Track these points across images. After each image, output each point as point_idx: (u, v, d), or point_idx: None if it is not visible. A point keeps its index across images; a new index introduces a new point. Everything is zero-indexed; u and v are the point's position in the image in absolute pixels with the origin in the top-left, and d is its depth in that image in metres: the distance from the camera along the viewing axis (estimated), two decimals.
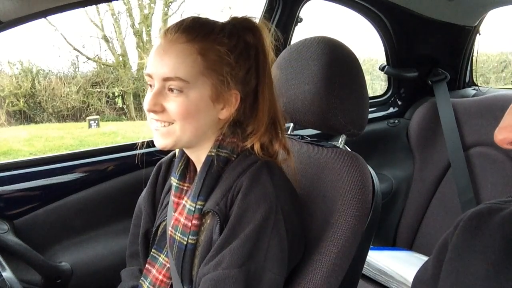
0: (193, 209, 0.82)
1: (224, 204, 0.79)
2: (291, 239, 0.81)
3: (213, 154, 0.83)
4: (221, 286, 0.73)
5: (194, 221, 0.81)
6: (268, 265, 0.76)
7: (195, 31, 0.79)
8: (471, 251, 0.64)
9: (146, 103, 0.79)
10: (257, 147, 0.83)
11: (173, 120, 0.80)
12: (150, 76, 0.80)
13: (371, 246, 0.98)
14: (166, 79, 0.78)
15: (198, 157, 0.87)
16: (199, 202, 0.81)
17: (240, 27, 0.83)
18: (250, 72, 0.83)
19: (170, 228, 0.85)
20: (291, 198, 0.84)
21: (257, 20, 0.86)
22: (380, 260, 1.54)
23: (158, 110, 0.79)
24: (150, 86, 0.81)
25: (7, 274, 0.91)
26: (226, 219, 0.78)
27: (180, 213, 0.85)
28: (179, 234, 0.83)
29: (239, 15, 0.86)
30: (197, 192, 0.82)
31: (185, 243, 0.82)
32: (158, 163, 1.01)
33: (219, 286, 0.73)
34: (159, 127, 0.81)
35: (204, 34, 0.79)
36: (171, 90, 0.78)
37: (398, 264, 1.52)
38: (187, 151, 0.89)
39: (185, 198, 0.86)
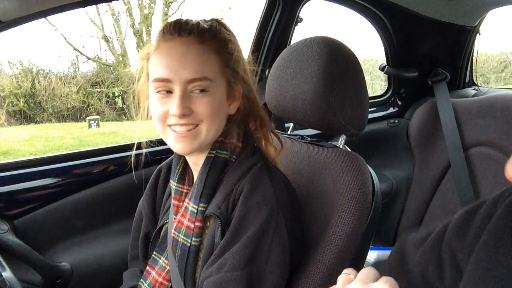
0: (196, 211, 0.82)
1: (226, 207, 0.79)
2: (292, 241, 0.81)
3: (212, 155, 0.83)
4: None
5: (197, 223, 0.82)
6: (270, 267, 0.76)
7: (203, 32, 0.80)
8: (510, 237, 0.57)
9: (175, 108, 0.76)
10: (263, 144, 0.87)
11: (200, 121, 0.79)
12: (168, 80, 0.78)
13: (371, 246, 0.98)
14: (190, 81, 0.77)
15: (197, 159, 0.87)
16: (201, 204, 0.82)
17: (225, 27, 0.85)
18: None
19: (172, 231, 0.86)
20: (291, 199, 0.84)
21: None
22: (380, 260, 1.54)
23: (188, 114, 0.78)
24: (167, 92, 0.79)
25: (7, 274, 0.91)
26: (227, 223, 0.79)
27: (182, 215, 0.85)
28: (182, 236, 0.83)
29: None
30: (199, 194, 0.82)
31: (188, 245, 0.82)
32: (158, 167, 1.02)
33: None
34: (184, 132, 0.79)
35: (213, 34, 0.81)
36: (197, 91, 0.78)
37: None
38: (190, 154, 0.89)
39: (187, 200, 0.86)
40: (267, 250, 0.76)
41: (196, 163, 0.87)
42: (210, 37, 0.80)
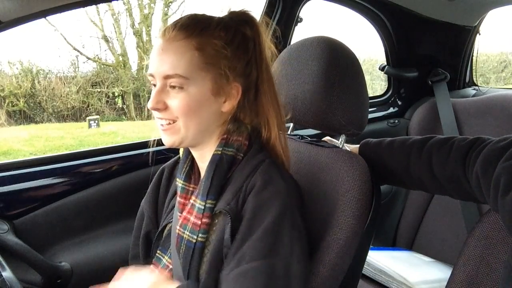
0: (203, 207, 0.82)
1: (235, 203, 0.80)
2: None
3: (219, 152, 0.84)
4: (243, 278, 0.73)
5: (204, 220, 0.82)
6: (296, 258, 0.76)
7: (191, 28, 0.80)
8: None
9: (150, 102, 0.80)
10: (273, 138, 0.86)
11: (176, 118, 0.81)
12: (152, 75, 0.81)
13: (371, 246, 0.98)
14: (166, 77, 0.79)
15: (203, 156, 0.87)
16: (208, 201, 0.82)
17: (237, 20, 0.84)
18: (250, 64, 0.84)
19: (178, 227, 0.86)
20: (300, 195, 0.85)
21: (256, 17, 0.87)
22: (380, 260, 1.54)
23: (161, 108, 0.80)
24: (154, 85, 0.82)
25: (7, 274, 0.91)
26: (237, 219, 0.79)
27: (188, 212, 0.85)
28: (187, 233, 0.83)
29: None
30: (206, 191, 0.82)
31: (194, 241, 0.82)
32: (161, 167, 1.02)
33: (240, 279, 0.73)
34: (164, 125, 0.82)
35: (201, 30, 0.80)
36: (172, 87, 0.79)
37: (398, 264, 1.52)
38: (192, 150, 0.89)
39: (193, 198, 0.86)
40: (289, 243, 0.76)
41: (202, 159, 0.88)
42: (196, 33, 0.79)
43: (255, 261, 0.73)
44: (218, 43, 0.80)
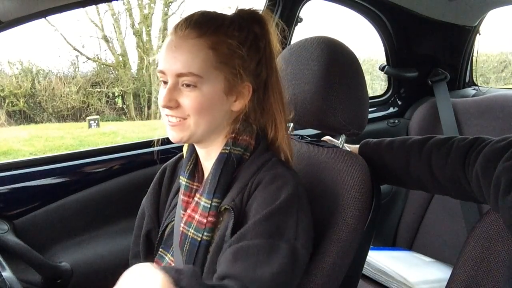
0: (209, 206, 0.82)
1: (240, 200, 0.80)
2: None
3: (227, 151, 0.84)
4: (244, 254, 0.72)
5: (210, 218, 0.82)
6: (300, 243, 0.76)
7: (205, 26, 0.80)
8: None
9: (161, 99, 0.80)
10: (280, 138, 0.86)
11: (187, 115, 0.80)
12: (163, 72, 0.81)
13: (371, 246, 0.98)
14: (179, 75, 0.79)
15: (209, 154, 0.87)
16: (215, 200, 0.82)
17: (248, 19, 0.84)
18: (260, 63, 0.85)
19: (182, 225, 0.86)
20: (305, 191, 0.85)
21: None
22: (380, 260, 1.54)
23: (173, 106, 0.80)
24: (164, 82, 0.82)
25: (7, 274, 0.91)
26: (240, 214, 0.79)
27: (193, 210, 0.85)
28: (192, 231, 0.83)
29: None
30: (212, 189, 0.82)
31: (199, 239, 0.82)
32: (163, 166, 1.02)
33: (241, 254, 0.72)
34: (174, 122, 0.82)
35: (215, 28, 0.80)
36: (184, 85, 0.79)
37: (398, 264, 1.52)
38: (198, 146, 0.89)
39: (198, 195, 0.86)
40: (294, 226, 0.76)
41: (207, 157, 0.88)
42: (210, 31, 0.79)
43: (258, 239, 0.73)
44: (233, 43, 0.80)
